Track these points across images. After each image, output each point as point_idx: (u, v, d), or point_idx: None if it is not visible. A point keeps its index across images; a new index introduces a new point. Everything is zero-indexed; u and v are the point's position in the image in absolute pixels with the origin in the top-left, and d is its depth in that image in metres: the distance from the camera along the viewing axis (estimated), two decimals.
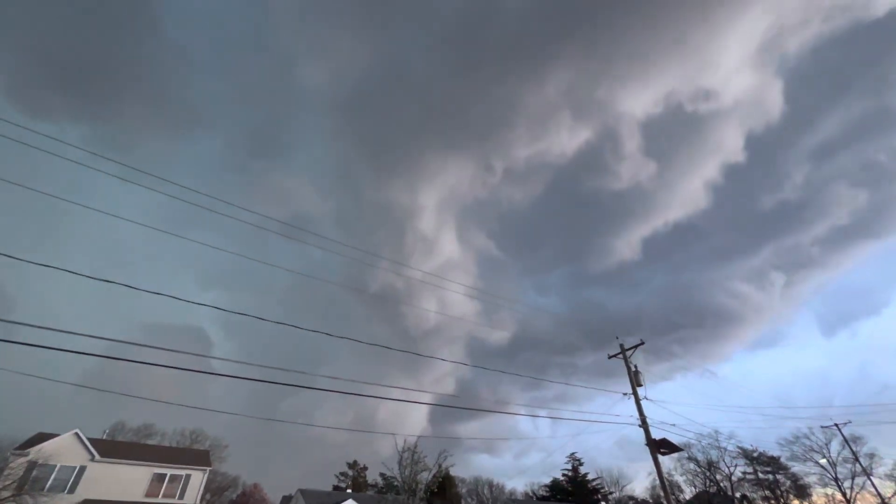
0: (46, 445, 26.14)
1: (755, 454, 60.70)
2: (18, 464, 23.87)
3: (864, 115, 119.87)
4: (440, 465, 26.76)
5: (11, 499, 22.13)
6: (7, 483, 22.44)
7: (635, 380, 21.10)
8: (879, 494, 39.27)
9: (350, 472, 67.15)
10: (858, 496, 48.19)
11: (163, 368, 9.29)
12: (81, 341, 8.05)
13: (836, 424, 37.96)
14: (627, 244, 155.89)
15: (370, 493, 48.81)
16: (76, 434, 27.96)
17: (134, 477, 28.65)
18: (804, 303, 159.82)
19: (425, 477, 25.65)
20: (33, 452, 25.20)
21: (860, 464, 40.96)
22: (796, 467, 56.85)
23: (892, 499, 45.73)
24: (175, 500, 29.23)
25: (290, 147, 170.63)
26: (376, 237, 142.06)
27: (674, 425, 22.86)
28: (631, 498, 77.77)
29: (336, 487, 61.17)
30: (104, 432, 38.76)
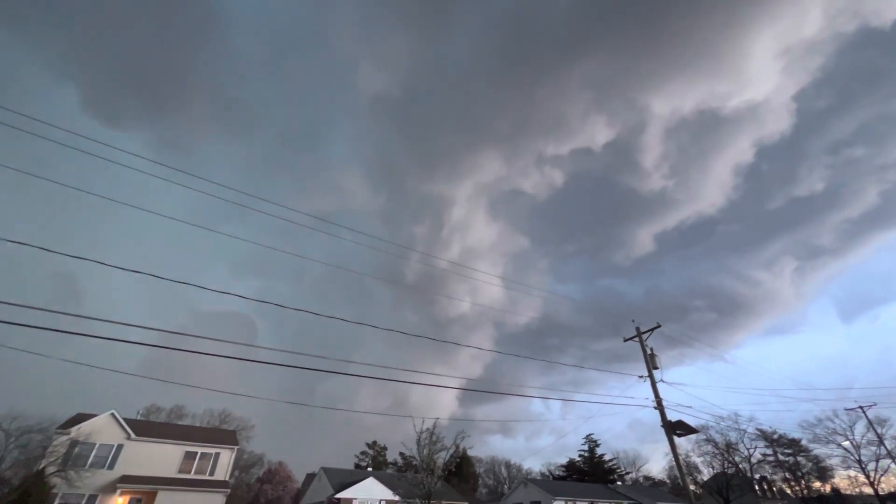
0: (85, 425, 27.73)
1: (775, 436, 60.05)
2: (61, 442, 25.42)
3: (872, 118, 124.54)
4: (458, 446, 27.37)
5: (57, 474, 23.68)
6: (52, 460, 23.98)
7: (651, 362, 21.05)
8: None
9: (370, 452, 69.23)
10: (882, 478, 47.51)
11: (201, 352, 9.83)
12: (132, 331, 8.56)
13: (860, 407, 37.22)
14: (646, 235, 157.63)
15: (390, 471, 50.33)
16: (112, 414, 29.53)
17: (167, 455, 30.23)
18: (821, 290, 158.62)
19: (443, 457, 26.28)
20: (74, 432, 26.78)
21: (885, 446, 40.23)
22: (818, 450, 56.10)
23: None
24: (206, 476, 30.78)
25: (341, 142, 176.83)
26: (419, 227, 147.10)
27: (690, 407, 22.87)
28: (647, 478, 78.31)
29: (357, 466, 63.29)
30: (138, 413, 40.83)
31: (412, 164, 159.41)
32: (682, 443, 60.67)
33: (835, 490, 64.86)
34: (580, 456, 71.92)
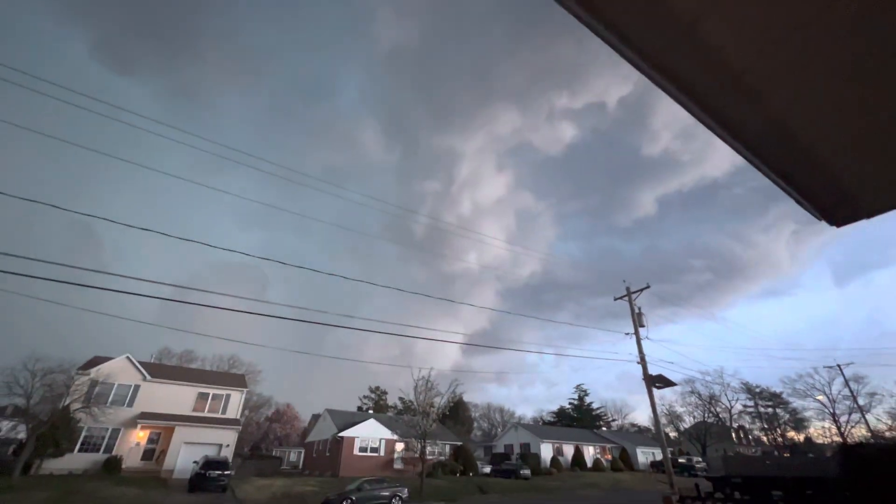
0: (104, 367, 29.55)
1: (757, 389, 63.31)
2: (83, 382, 27.24)
3: None
4: (454, 392, 29.33)
5: (81, 410, 25.64)
6: (76, 397, 25.84)
7: (638, 321, 22.12)
8: (870, 429, 41.44)
9: (372, 396, 73.36)
10: (854, 430, 50.72)
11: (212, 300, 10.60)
12: (147, 285, 9.27)
13: (838, 365, 39.12)
14: (650, 196, 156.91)
15: (390, 414, 53.71)
16: (128, 358, 31.33)
17: (181, 395, 32.40)
18: (819, 254, 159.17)
19: (439, 402, 28.23)
20: (94, 372, 28.60)
21: (857, 402, 42.67)
22: (796, 403, 59.34)
23: (886, 433, 47.99)
24: (219, 415, 33.15)
25: (355, 94, 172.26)
26: (430, 182, 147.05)
27: (672, 363, 24.22)
28: (633, 425, 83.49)
29: (359, 408, 67.30)
30: (151, 356, 43.04)
31: (426, 116, 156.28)
32: (668, 394, 63.96)
33: (807, 439, 69.17)
34: (570, 404, 76.06)
